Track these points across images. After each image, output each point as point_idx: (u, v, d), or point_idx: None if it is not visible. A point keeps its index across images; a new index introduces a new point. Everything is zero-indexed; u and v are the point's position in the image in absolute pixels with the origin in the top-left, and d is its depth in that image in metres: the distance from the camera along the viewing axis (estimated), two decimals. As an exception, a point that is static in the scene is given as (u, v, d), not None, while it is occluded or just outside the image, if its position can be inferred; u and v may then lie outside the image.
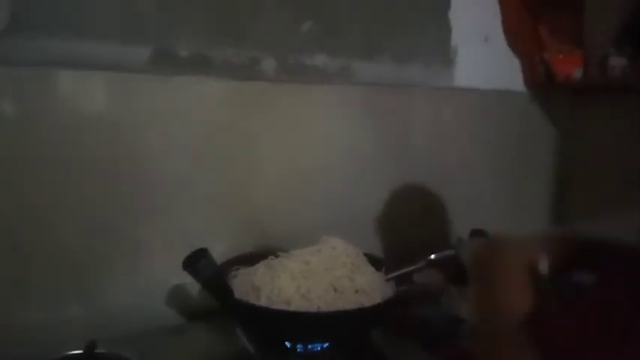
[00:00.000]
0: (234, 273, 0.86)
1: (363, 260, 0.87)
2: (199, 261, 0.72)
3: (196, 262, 0.72)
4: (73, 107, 0.80)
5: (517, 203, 1.35)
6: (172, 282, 0.90)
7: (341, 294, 0.80)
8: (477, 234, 0.99)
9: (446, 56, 1.21)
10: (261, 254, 0.89)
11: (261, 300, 0.79)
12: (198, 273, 0.73)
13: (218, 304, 0.77)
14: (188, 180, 0.90)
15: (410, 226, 1.17)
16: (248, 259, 0.89)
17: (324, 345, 0.79)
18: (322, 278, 0.81)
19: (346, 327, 0.78)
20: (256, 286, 0.80)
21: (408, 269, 0.89)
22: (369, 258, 0.89)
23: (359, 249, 0.89)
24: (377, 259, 0.91)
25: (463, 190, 1.22)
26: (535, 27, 1.29)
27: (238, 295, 0.78)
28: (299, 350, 0.79)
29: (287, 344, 0.79)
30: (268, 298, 0.78)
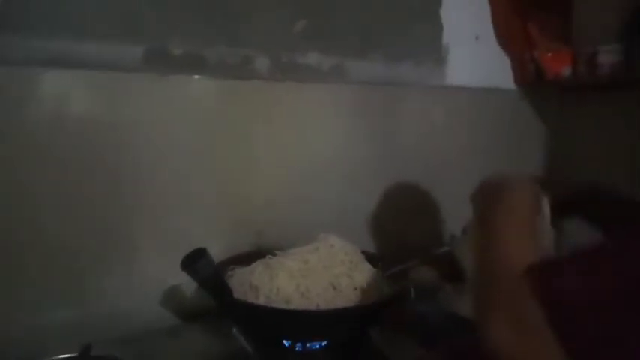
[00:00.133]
0: (230, 273, 0.85)
1: (361, 258, 0.88)
2: (198, 261, 0.71)
3: (195, 262, 0.71)
4: (67, 106, 0.79)
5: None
6: (169, 282, 0.89)
7: (340, 292, 0.80)
8: (471, 231, 1.00)
9: (437, 55, 1.22)
10: (256, 253, 0.89)
11: (259, 299, 0.78)
12: (196, 273, 0.72)
13: (216, 304, 0.76)
14: (183, 179, 0.90)
15: (403, 224, 1.17)
16: (244, 259, 0.88)
17: (323, 343, 0.79)
18: (321, 276, 0.81)
19: (346, 324, 0.78)
20: (254, 286, 0.80)
21: (405, 266, 0.89)
22: (366, 255, 0.90)
23: (356, 246, 0.89)
24: (374, 256, 0.92)
25: (455, 187, 1.22)
26: (524, 26, 1.31)
27: (236, 295, 0.77)
28: (297, 349, 0.79)
29: (285, 343, 0.79)
30: (267, 297, 0.78)
